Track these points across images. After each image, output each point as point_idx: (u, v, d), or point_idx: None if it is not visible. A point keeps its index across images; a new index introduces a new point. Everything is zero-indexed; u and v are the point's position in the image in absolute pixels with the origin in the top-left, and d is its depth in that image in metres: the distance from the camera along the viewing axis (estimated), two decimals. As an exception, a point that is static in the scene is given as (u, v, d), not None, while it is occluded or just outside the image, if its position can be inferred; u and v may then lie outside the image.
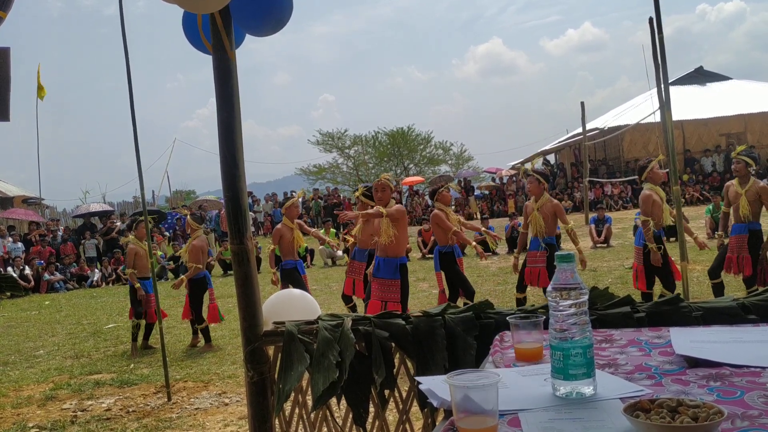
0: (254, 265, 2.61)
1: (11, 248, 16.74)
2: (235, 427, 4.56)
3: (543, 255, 6.53)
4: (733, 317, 2.08)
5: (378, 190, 5.91)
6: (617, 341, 1.71)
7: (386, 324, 2.42)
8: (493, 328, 2.28)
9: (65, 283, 15.81)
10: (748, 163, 6.30)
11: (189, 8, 2.46)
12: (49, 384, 6.27)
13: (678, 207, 4.43)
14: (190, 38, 2.72)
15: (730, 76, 29.28)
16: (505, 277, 10.73)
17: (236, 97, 2.55)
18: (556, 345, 1.30)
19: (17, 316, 11.81)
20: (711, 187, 21.49)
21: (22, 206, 23.86)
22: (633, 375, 1.40)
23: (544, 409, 1.22)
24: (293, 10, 2.59)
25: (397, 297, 5.72)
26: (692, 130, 24.95)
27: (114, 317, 10.43)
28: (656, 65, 4.44)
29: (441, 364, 2.30)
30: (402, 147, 38.02)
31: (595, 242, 13.91)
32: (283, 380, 2.35)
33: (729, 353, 1.46)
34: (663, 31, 4.25)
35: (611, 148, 26.17)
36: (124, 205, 26.79)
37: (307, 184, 36.29)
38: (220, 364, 6.48)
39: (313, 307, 3.63)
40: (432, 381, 1.42)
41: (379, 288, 5.75)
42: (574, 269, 1.31)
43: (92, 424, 4.89)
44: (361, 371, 2.35)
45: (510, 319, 1.65)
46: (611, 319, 2.19)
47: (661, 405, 1.09)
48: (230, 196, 2.55)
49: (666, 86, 4.41)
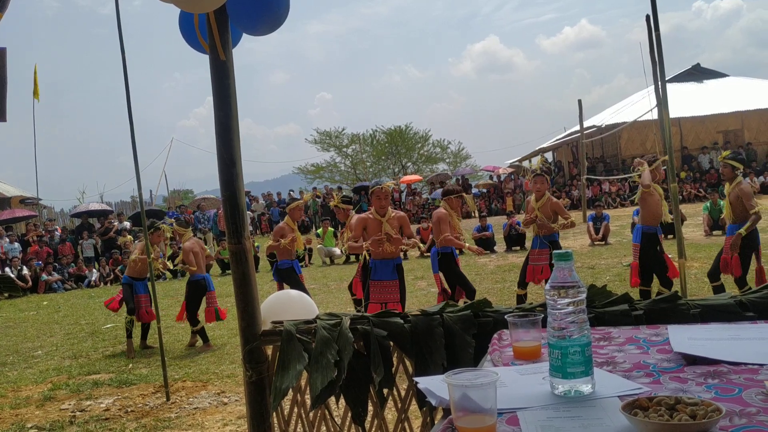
0: (252, 264, 2.61)
1: (8, 249, 16.72)
2: (233, 426, 4.56)
3: (546, 252, 6.58)
4: (731, 315, 2.09)
5: (381, 198, 5.73)
6: (615, 339, 1.71)
7: (385, 323, 2.42)
8: (492, 327, 2.28)
9: (63, 284, 15.79)
10: (735, 166, 6.34)
11: (185, 8, 2.46)
12: (47, 384, 6.26)
13: (675, 204, 4.43)
14: (187, 37, 2.72)
15: (727, 73, 29.32)
16: (503, 275, 10.74)
17: (233, 96, 2.55)
18: (555, 343, 1.30)
19: (15, 316, 11.80)
20: (708, 184, 21.52)
21: (20, 206, 23.82)
22: (631, 373, 1.40)
23: (542, 407, 1.22)
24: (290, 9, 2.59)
25: (397, 297, 5.73)
26: (689, 128, 24.98)
27: (112, 317, 10.41)
28: (653, 62, 4.45)
29: (439, 363, 2.30)
30: (400, 145, 38.03)
31: (593, 240, 13.92)
32: (280, 378, 2.35)
33: (727, 351, 1.46)
34: (659, 28, 4.26)
35: (609, 145, 26.19)
36: (122, 205, 26.74)
37: (305, 183, 36.29)
38: (218, 363, 6.48)
39: (311, 306, 3.63)
40: (430, 380, 1.42)
41: (378, 290, 5.74)
42: (572, 267, 1.31)
43: (91, 425, 4.88)
44: (359, 370, 2.35)
45: (508, 318, 1.65)
46: (609, 317, 2.19)
47: (660, 403, 1.09)
48: (228, 196, 2.55)
49: (663, 83, 4.42)
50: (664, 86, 4.41)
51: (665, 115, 4.44)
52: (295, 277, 7.31)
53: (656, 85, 4.52)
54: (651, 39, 4.39)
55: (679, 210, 4.59)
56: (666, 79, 4.45)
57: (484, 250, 7.62)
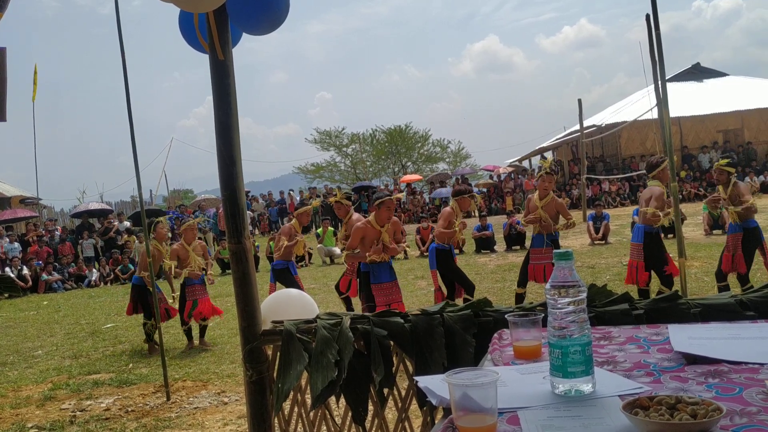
0: (252, 264, 2.61)
1: (8, 249, 16.72)
2: (234, 426, 4.56)
3: (549, 251, 6.58)
4: (731, 314, 2.08)
5: (391, 209, 5.87)
6: (616, 338, 1.71)
7: (385, 322, 2.42)
8: (492, 326, 2.28)
9: (63, 283, 15.79)
10: (730, 171, 6.47)
11: (185, 7, 2.46)
12: (47, 384, 6.26)
13: (675, 203, 4.43)
14: (187, 37, 2.72)
15: (727, 73, 29.34)
16: (503, 274, 10.74)
17: (233, 95, 2.55)
18: (555, 343, 1.30)
19: (15, 316, 11.80)
20: (708, 183, 21.50)
21: (20, 206, 23.83)
22: (632, 372, 1.40)
23: (543, 406, 1.22)
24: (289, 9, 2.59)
25: (400, 297, 5.85)
26: (689, 127, 24.99)
27: (112, 317, 10.42)
28: (653, 62, 4.45)
29: (440, 362, 2.30)
30: (400, 145, 38.04)
31: (593, 239, 13.91)
32: (281, 379, 2.35)
33: (727, 350, 1.46)
34: (659, 27, 4.26)
35: (609, 145, 26.21)
36: (122, 205, 26.75)
37: (305, 183, 36.30)
38: (218, 363, 6.47)
39: (312, 306, 3.63)
40: (431, 379, 1.42)
41: (382, 293, 5.80)
42: (573, 267, 1.31)
43: (91, 424, 4.88)
44: (359, 370, 2.35)
45: (509, 317, 1.65)
46: (610, 316, 2.19)
47: (660, 402, 1.09)
48: (228, 195, 2.55)
49: (663, 83, 4.42)
50: (664, 85, 4.41)
51: (665, 114, 4.44)
52: (290, 277, 7.27)
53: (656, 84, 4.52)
54: (651, 38, 4.39)
55: (679, 209, 4.59)
56: (666, 78, 4.45)
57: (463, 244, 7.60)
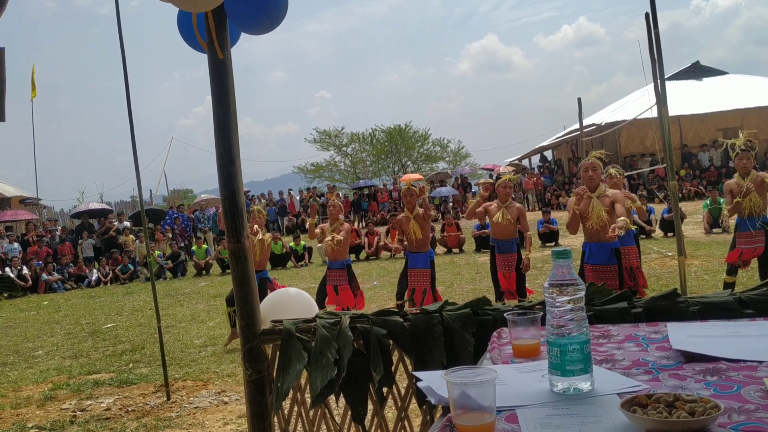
0: (252, 263, 2.61)
1: (8, 249, 16.71)
2: (234, 425, 4.57)
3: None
4: (729, 312, 2.09)
5: (407, 195, 6.79)
6: (614, 337, 1.71)
7: (384, 321, 2.42)
8: (491, 325, 2.28)
9: (63, 283, 15.78)
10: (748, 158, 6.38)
11: (183, 7, 2.46)
12: (48, 384, 6.26)
13: (675, 202, 4.43)
14: (186, 37, 2.72)
15: (726, 71, 29.31)
16: (503, 273, 10.72)
17: (232, 95, 2.55)
18: (554, 341, 1.30)
19: (15, 316, 11.80)
20: (708, 182, 21.50)
21: (20, 207, 23.82)
22: (630, 370, 1.40)
23: (541, 405, 1.22)
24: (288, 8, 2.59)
25: (428, 283, 6.66)
26: (689, 125, 24.98)
27: (112, 317, 10.42)
28: (652, 60, 4.44)
29: (439, 361, 2.30)
30: (399, 144, 38.03)
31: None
32: (281, 378, 2.35)
33: (726, 348, 1.46)
34: (658, 26, 4.25)
35: (608, 143, 26.17)
36: (122, 205, 26.73)
37: (305, 183, 36.30)
38: (218, 362, 6.48)
39: (311, 305, 3.63)
40: (430, 378, 1.42)
41: (415, 277, 6.73)
42: (571, 265, 1.31)
43: (91, 424, 4.89)
44: (359, 369, 2.36)
45: (507, 316, 1.65)
46: (608, 314, 2.20)
47: (658, 400, 1.09)
48: (227, 195, 2.55)
49: (662, 81, 4.41)
50: (664, 84, 4.41)
51: (664, 112, 4.44)
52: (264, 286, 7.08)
53: (655, 82, 4.51)
54: (650, 37, 4.39)
55: (678, 208, 4.59)
56: (665, 76, 4.45)
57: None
